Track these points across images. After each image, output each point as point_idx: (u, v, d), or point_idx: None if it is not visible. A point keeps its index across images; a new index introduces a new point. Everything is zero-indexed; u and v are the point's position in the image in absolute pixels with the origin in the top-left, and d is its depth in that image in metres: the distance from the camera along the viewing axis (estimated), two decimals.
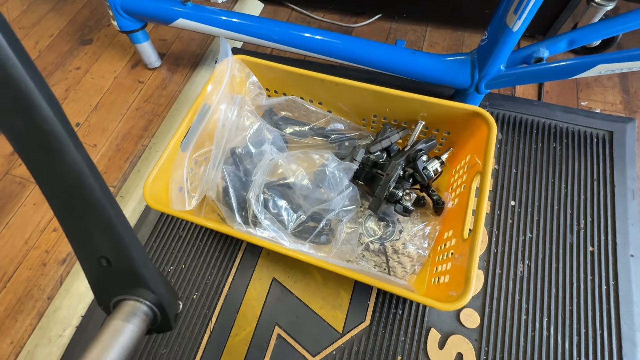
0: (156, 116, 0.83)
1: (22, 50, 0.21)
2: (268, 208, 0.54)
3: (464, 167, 0.58)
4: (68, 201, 0.25)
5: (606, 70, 0.54)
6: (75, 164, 0.24)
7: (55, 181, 0.24)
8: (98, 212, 0.25)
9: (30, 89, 0.21)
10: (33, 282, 0.66)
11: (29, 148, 0.23)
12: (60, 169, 0.24)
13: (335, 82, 0.59)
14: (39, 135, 0.22)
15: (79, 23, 1.02)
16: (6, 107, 0.22)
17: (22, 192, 0.75)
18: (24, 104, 0.21)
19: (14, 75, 0.21)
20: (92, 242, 0.27)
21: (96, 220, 0.26)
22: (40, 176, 0.24)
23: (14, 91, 0.21)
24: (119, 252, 0.27)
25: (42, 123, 0.22)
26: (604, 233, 0.61)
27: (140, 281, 0.28)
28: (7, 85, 0.21)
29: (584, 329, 0.54)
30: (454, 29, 0.89)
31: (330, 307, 0.58)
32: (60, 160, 0.23)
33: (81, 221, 0.26)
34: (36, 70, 0.22)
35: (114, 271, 0.27)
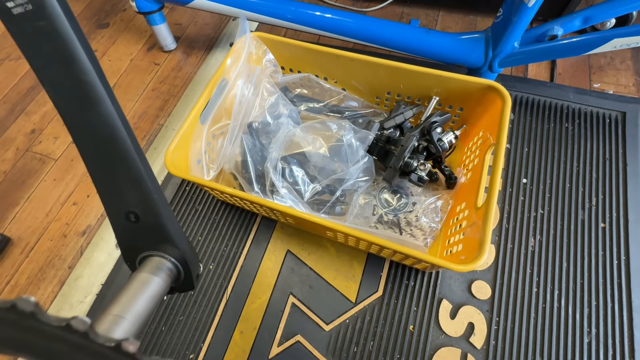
0: (172, 96, 0.85)
1: (66, 4, 0.22)
2: (285, 177, 0.55)
3: (476, 143, 0.59)
4: (101, 154, 0.26)
5: (621, 44, 0.54)
6: (111, 116, 0.24)
7: (90, 133, 0.25)
8: (129, 166, 0.26)
9: (72, 41, 0.22)
10: (54, 252, 0.68)
11: (67, 98, 0.24)
12: (96, 121, 0.24)
13: (351, 58, 0.60)
14: (78, 85, 0.23)
15: (95, 8, 1.04)
16: (49, 58, 0.22)
17: (42, 168, 0.78)
18: (65, 55, 0.22)
19: (59, 27, 0.21)
20: (122, 196, 0.27)
21: (127, 175, 0.26)
22: (76, 128, 0.25)
23: (58, 43, 0.22)
24: (147, 208, 0.27)
25: (82, 74, 0.23)
26: (616, 210, 0.61)
27: (167, 237, 0.29)
28: (52, 37, 0.22)
29: (595, 301, 0.55)
30: (466, 13, 0.89)
31: (343, 278, 0.59)
32: (96, 112, 0.24)
33: (112, 175, 0.26)
34: (77, 24, 0.23)
35: (141, 227, 0.28)
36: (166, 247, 0.29)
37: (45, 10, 0.21)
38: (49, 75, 0.23)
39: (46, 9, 0.21)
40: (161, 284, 0.28)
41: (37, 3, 0.21)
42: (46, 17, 0.21)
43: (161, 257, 0.29)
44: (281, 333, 0.56)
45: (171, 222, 0.29)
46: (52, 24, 0.22)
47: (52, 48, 0.22)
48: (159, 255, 0.29)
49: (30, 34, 0.22)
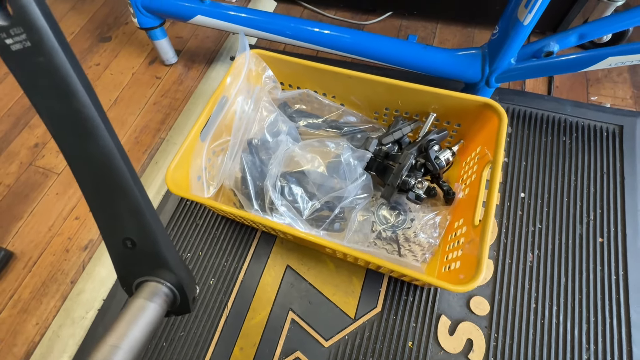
0: (173, 110, 0.86)
1: (63, 38, 0.22)
2: (284, 195, 0.56)
3: (474, 159, 0.59)
4: (98, 183, 0.26)
5: (616, 62, 0.55)
6: (108, 147, 0.25)
7: (87, 163, 0.25)
8: (126, 194, 0.26)
9: (70, 75, 0.22)
10: (57, 266, 0.69)
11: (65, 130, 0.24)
12: (93, 152, 0.25)
13: (349, 75, 0.61)
14: (75, 118, 0.24)
15: (98, 21, 1.06)
16: (47, 92, 0.23)
17: (45, 182, 0.79)
18: (63, 89, 0.23)
19: (57, 63, 0.22)
20: (119, 223, 0.28)
21: (124, 203, 0.27)
22: (74, 158, 0.25)
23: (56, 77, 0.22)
24: (144, 234, 0.28)
25: (80, 107, 0.24)
26: (614, 224, 0.61)
27: (163, 263, 0.29)
28: (50, 72, 0.22)
29: (594, 317, 0.55)
30: (464, 26, 0.90)
31: (342, 294, 0.60)
32: (94, 144, 0.25)
33: (110, 203, 0.27)
34: (75, 58, 0.23)
35: (137, 253, 0.28)
36: (162, 272, 0.30)
37: (44, 46, 0.22)
38: (47, 109, 0.24)
39: (44, 45, 0.22)
40: (157, 310, 0.28)
41: (35, 40, 0.21)
42: (45, 53, 0.22)
43: (157, 282, 0.30)
44: (281, 349, 0.56)
45: (167, 247, 0.30)
46: (50, 59, 0.22)
47: (50, 82, 0.23)
48: (155, 280, 0.30)
49: (28, 69, 0.22)
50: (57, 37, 0.22)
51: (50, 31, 0.22)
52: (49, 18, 0.22)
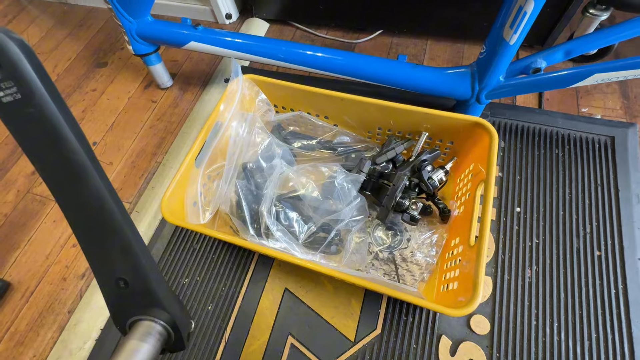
0: (169, 133, 0.86)
1: (54, 88, 0.23)
2: (280, 220, 0.56)
3: (468, 176, 0.60)
4: (90, 225, 0.27)
5: (602, 79, 0.55)
6: (98, 190, 0.25)
7: (79, 207, 0.26)
8: (118, 235, 0.27)
9: (60, 124, 0.23)
10: (54, 296, 0.68)
11: (56, 177, 0.25)
12: (85, 195, 0.25)
13: (341, 98, 0.62)
14: (66, 165, 0.24)
15: (94, 47, 1.07)
16: (39, 141, 0.23)
17: (42, 210, 0.79)
18: (54, 137, 0.23)
19: (47, 113, 0.22)
20: (112, 264, 0.28)
21: (116, 243, 0.27)
22: (66, 202, 0.26)
23: (46, 126, 0.23)
24: (136, 274, 0.28)
25: (70, 154, 0.24)
26: (610, 237, 0.61)
27: (156, 301, 0.29)
28: (40, 122, 0.23)
29: (595, 333, 0.55)
30: (453, 42, 0.92)
31: (342, 316, 0.59)
32: (85, 187, 0.25)
33: (102, 244, 0.27)
34: (65, 106, 0.24)
35: (130, 292, 0.29)
36: (156, 311, 0.30)
37: (34, 98, 0.22)
38: (38, 157, 0.24)
39: (35, 97, 0.22)
40: (151, 350, 0.28)
41: (25, 92, 0.22)
42: (35, 104, 0.22)
43: (151, 321, 0.29)
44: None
45: (160, 286, 0.30)
46: (40, 110, 0.23)
47: (41, 132, 0.23)
48: (149, 319, 0.30)
49: (19, 120, 0.23)
50: (47, 88, 0.23)
51: (40, 83, 0.22)
52: (39, 70, 0.22)
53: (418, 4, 0.85)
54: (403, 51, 0.92)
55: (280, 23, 1.04)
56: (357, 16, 0.94)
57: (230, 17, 1.04)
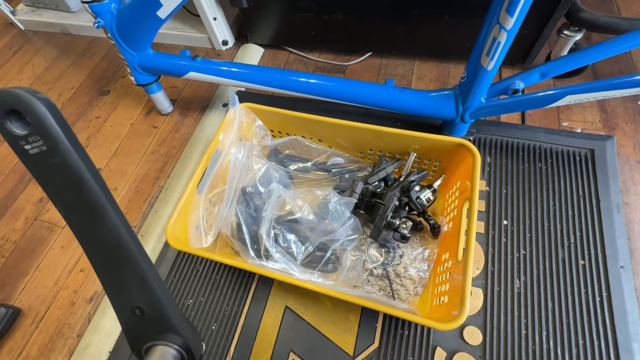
0: (170, 158, 0.90)
1: (75, 138, 0.26)
2: (278, 242, 0.59)
3: (455, 192, 0.63)
4: (108, 259, 0.29)
5: (575, 100, 0.60)
6: (116, 227, 0.28)
7: (98, 242, 0.29)
8: (134, 267, 0.29)
9: (81, 170, 0.26)
10: (63, 321, 0.71)
11: (78, 217, 0.28)
12: (104, 232, 0.28)
13: (332, 123, 0.66)
14: (86, 205, 0.27)
15: (97, 75, 1.12)
16: (62, 186, 0.26)
17: (50, 236, 0.82)
18: (75, 182, 0.26)
19: (70, 161, 0.25)
20: (128, 294, 0.30)
21: (132, 275, 0.30)
22: (85, 239, 0.29)
23: (69, 173, 0.26)
24: (151, 302, 0.30)
25: (90, 196, 0.27)
26: (594, 246, 0.65)
27: (170, 327, 0.32)
28: (64, 169, 0.26)
29: (582, 340, 0.57)
30: (439, 62, 0.97)
31: (341, 332, 0.62)
32: (103, 225, 0.28)
33: (119, 276, 0.30)
34: (85, 153, 0.27)
35: (146, 319, 0.31)
36: (170, 336, 0.33)
37: (58, 149, 0.25)
38: (61, 200, 0.27)
39: (59, 148, 0.25)
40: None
41: (50, 144, 0.25)
42: (59, 154, 0.25)
43: (165, 346, 0.32)
44: None
45: (174, 313, 0.33)
46: (64, 159, 0.26)
47: (63, 178, 0.26)
48: (164, 344, 0.32)
49: (44, 169, 0.26)
50: (70, 139, 0.26)
51: (63, 136, 0.25)
52: (62, 124, 0.25)
53: (404, 28, 0.90)
54: (392, 72, 0.97)
55: (274, 48, 1.09)
56: (347, 40, 0.99)
57: (227, 44, 1.09)
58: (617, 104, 0.82)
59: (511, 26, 0.53)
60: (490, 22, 0.56)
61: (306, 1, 0.90)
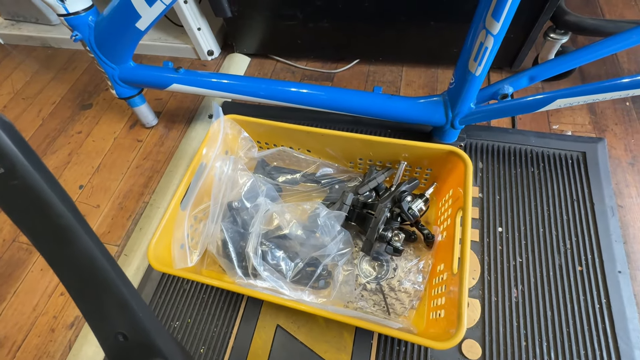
0: (155, 172, 0.87)
1: (36, 157, 0.24)
2: (267, 259, 0.57)
3: (448, 201, 0.62)
4: (83, 284, 0.27)
5: (565, 104, 0.59)
6: (89, 250, 0.26)
7: (71, 268, 0.27)
8: (112, 291, 0.27)
9: (45, 191, 0.24)
10: (42, 349, 0.67)
11: (45, 241, 0.26)
12: (76, 256, 0.26)
13: (321, 134, 0.64)
14: (53, 229, 0.25)
15: (79, 89, 1.09)
16: (25, 210, 0.24)
17: (29, 259, 0.78)
18: (40, 205, 0.24)
19: (31, 182, 0.23)
20: (109, 320, 0.28)
21: (111, 299, 0.28)
22: (58, 265, 0.27)
23: (31, 196, 0.24)
24: (134, 327, 0.29)
25: (57, 219, 0.25)
26: (590, 251, 0.63)
27: (157, 352, 0.30)
28: (25, 192, 0.23)
29: (583, 350, 0.56)
30: (427, 67, 0.96)
31: (335, 350, 0.59)
32: (74, 248, 0.26)
33: (97, 301, 0.28)
34: (49, 173, 0.25)
35: (131, 345, 0.29)
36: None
37: (17, 171, 0.23)
38: (26, 224, 0.25)
39: (17, 170, 0.23)
40: None
41: (8, 166, 0.23)
42: (18, 176, 0.23)
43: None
44: None
45: (160, 336, 0.30)
46: (24, 181, 0.23)
47: (26, 201, 0.24)
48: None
49: (4, 192, 0.24)
50: (30, 159, 0.23)
51: (21, 156, 0.23)
52: (20, 143, 0.23)
53: (391, 35, 0.90)
54: (380, 78, 0.96)
55: (260, 57, 1.07)
56: (335, 47, 0.98)
57: (212, 54, 1.08)
58: (606, 106, 0.82)
59: (498, 31, 0.52)
60: (476, 27, 0.55)
61: (291, 10, 0.89)
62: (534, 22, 0.76)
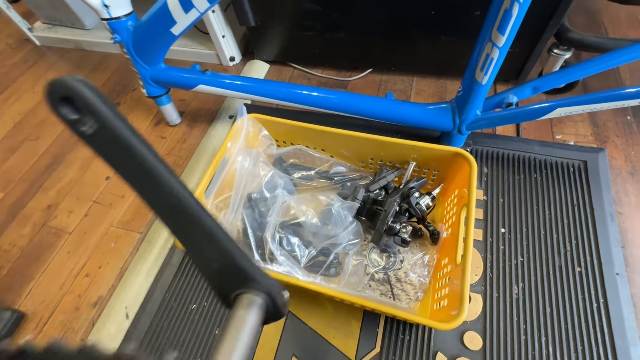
0: (177, 167, 0.93)
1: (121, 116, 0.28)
2: (282, 245, 0.61)
3: (454, 200, 0.66)
4: (175, 220, 0.31)
5: (565, 112, 0.63)
6: (172, 189, 0.30)
7: (162, 205, 0.31)
8: (199, 225, 0.31)
9: (131, 141, 0.28)
10: (67, 325, 0.71)
11: (136, 181, 0.30)
12: (163, 195, 0.30)
13: (336, 133, 0.69)
14: (141, 170, 0.29)
15: (108, 88, 1.16)
16: (118, 156, 0.29)
17: (57, 242, 0.83)
18: (128, 151, 0.28)
19: (120, 134, 0.27)
20: (202, 250, 0.32)
21: (199, 231, 0.31)
22: (151, 203, 0.31)
23: (120, 144, 0.28)
24: (224, 257, 0.32)
25: (142, 162, 0.30)
26: (589, 254, 0.66)
27: (249, 277, 0.32)
28: (116, 142, 0.27)
29: (580, 346, 0.58)
30: (437, 78, 1.01)
31: (342, 336, 0.62)
32: (161, 187, 0.30)
33: (190, 234, 0.31)
34: (131, 127, 0.29)
35: (225, 272, 0.32)
36: (252, 284, 0.34)
37: (108, 125, 0.28)
38: (122, 168, 0.30)
39: (108, 124, 0.28)
40: (255, 319, 0.32)
41: (101, 122, 0.28)
42: (109, 129, 0.29)
43: (250, 294, 0.33)
44: None
45: (248, 264, 0.34)
46: (114, 133, 0.29)
47: (118, 149, 0.29)
48: (248, 292, 0.34)
49: (102, 143, 0.29)
50: (116, 116, 0.29)
51: (110, 113, 0.29)
52: (107, 104, 0.28)
53: (403, 47, 0.95)
54: (392, 87, 1.01)
55: (279, 64, 1.14)
56: (349, 57, 1.04)
57: (234, 60, 1.15)
58: (607, 118, 0.86)
59: (503, 43, 0.57)
60: (483, 40, 0.60)
61: (310, 21, 0.95)
62: (538, 38, 0.81)
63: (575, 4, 0.75)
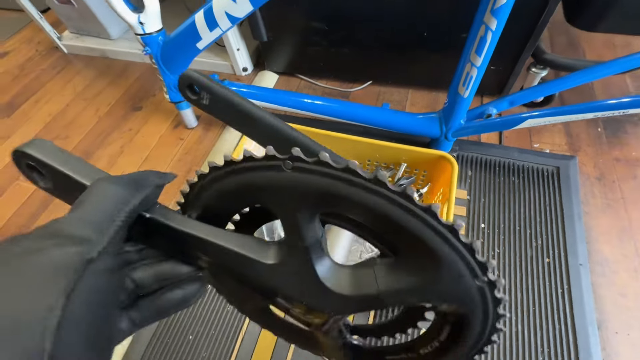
0: (195, 165, 1.03)
1: (223, 86, 0.37)
2: None
3: (439, 197, 0.75)
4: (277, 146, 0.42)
5: (535, 123, 0.73)
6: (273, 123, 0.38)
7: (259, 136, 0.38)
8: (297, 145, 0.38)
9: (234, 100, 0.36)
10: None
11: (242, 123, 0.38)
12: (266, 129, 0.38)
13: (338, 138, 0.79)
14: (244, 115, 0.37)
15: (131, 94, 1.28)
16: (227, 111, 0.37)
17: None
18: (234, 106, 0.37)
19: (227, 98, 0.36)
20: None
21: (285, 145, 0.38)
22: (254, 136, 0.38)
23: (228, 103, 0.37)
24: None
25: (244, 109, 0.38)
26: (557, 247, 0.75)
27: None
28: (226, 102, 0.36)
29: (546, 325, 0.67)
30: (430, 91, 1.12)
31: None
32: (257, 124, 0.38)
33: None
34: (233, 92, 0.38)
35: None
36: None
37: (218, 95, 0.38)
38: (232, 119, 0.39)
39: (218, 94, 0.38)
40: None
41: (213, 93, 0.38)
42: (219, 97, 0.38)
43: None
44: None
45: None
46: (223, 98, 0.39)
47: (227, 106, 0.38)
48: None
49: (216, 107, 0.39)
50: (222, 88, 0.39)
51: (218, 88, 0.39)
52: (215, 82, 0.39)
53: (401, 62, 1.06)
54: (389, 98, 1.12)
55: (287, 75, 1.25)
56: (351, 70, 1.15)
57: (246, 70, 1.26)
58: (580, 130, 0.96)
59: (480, 64, 0.68)
60: (464, 60, 0.71)
61: (317, 37, 1.07)
62: (517, 58, 0.92)
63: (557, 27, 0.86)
